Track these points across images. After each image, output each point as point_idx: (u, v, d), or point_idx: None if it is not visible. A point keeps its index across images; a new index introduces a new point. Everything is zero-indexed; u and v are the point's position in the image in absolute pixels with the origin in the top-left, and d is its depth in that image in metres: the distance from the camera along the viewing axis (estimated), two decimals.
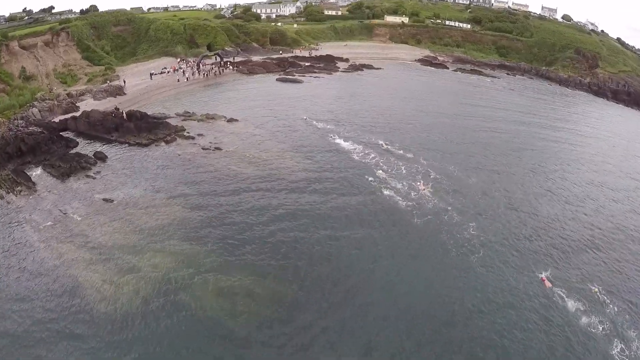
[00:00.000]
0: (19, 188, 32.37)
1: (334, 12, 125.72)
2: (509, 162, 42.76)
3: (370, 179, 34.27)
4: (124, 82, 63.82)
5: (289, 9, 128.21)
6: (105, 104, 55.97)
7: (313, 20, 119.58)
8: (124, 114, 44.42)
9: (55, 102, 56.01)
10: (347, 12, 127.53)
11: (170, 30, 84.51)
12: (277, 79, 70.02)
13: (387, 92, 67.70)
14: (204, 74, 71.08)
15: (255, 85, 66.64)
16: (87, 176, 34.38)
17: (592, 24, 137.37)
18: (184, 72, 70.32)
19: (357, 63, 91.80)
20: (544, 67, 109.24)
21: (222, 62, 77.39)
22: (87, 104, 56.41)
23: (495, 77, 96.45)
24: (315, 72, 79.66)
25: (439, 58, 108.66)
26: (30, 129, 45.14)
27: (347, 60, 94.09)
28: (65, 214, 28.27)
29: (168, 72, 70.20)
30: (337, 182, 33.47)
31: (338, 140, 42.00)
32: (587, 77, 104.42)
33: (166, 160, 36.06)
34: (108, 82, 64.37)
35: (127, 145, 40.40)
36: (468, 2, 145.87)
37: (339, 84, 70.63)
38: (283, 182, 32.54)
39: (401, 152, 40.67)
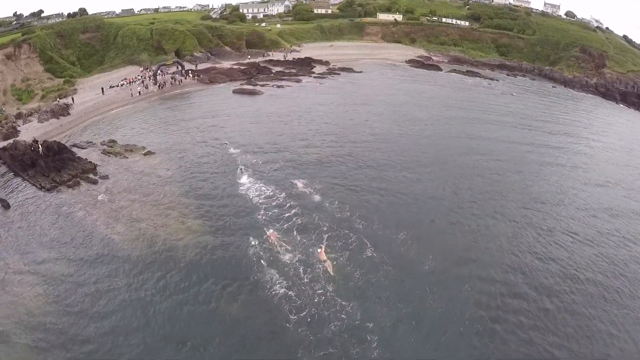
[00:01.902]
0: None
1: (323, 11, 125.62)
2: (492, 209, 36.65)
3: (252, 252, 28.85)
4: (72, 99, 66.59)
5: (277, 8, 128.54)
6: (47, 127, 58.93)
7: (301, 20, 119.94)
8: (40, 148, 46.64)
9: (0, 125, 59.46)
10: (338, 11, 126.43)
11: (137, 37, 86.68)
12: (233, 90, 70.92)
13: (352, 103, 66.07)
14: (159, 86, 72.75)
15: (206, 99, 67.64)
16: None
17: (597, 20, 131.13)
18: (142, 82, 72.42)
19: (337, 66, 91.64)
20: (547, 67, 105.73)
21: (182, 71, 78.86)
22: (28, 128, 59.67)
23: (493, 79, 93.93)
24: (283, 80, 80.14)
25: (433, 58, 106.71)
26: None
27: (326, 63, 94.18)
28: None
29: (122, 85, 72.34)
30: (205, 264, 28.18)
31: (245, 181, 39.56)
32: (594, 78, 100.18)
33: (54, 216, 35.47)
34: (58, 99, 67.43)
35: (35, 188, 42.02)
36: None
37: (300, 95, 70.08)
38: (135, 259, 28.96)
39: (321, 199, 35.71)
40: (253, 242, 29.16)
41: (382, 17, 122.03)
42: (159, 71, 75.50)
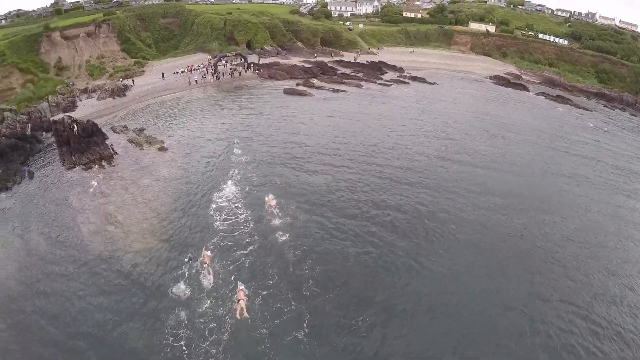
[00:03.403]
0: None
1: (413, 15, 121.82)
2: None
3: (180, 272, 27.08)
4: (133, 81, 71.60)
5: (365, 8, 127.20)
6: (101, 106, 64.21)
7: (388, 22, 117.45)
8: (76, 128, 50.50)
9: (62, 99, 65.72)
10: (428, 16, 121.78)
11: (211, 25, 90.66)
12: (284, 90, 71.02)
13: (402, 120, 59.58)
14: (217, 76, 75.34)
15: (252, 96, 68.16)
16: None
17: None
18: (202, 71, 75.91)
19: (409, 74, 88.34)
20: None
21: (245, 64, 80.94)
22: (86, 104, 65.39)
23: (587, 108, 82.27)
24: (344, 83, 78.83)
25: (523, 77, 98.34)
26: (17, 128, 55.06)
27: (400, 69, 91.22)
28: None
29: (183, 72, 76.13)
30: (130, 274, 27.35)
31: (228, 192, 36.78)
32: None
33: (54, 194, 38.40)
34: (121, 79, 72.74)
35: (60, 164, 46.19)
36: (567, 15, 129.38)
37: (350, 104, 66.15)
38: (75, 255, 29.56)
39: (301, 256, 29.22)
40: (186, 260, 27.92)
41: (474, 26, 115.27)
42: (219, 61, 78.20)
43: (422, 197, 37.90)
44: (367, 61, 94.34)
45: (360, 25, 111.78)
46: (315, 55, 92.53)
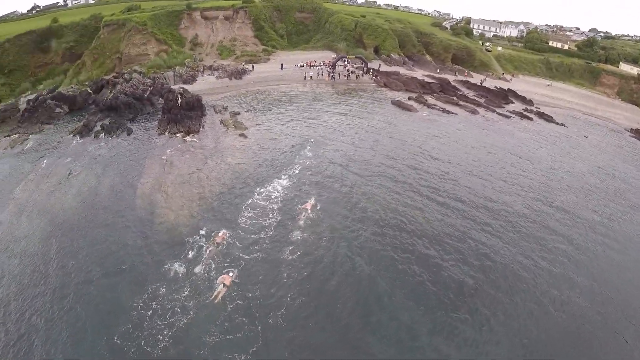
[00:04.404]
0: None
1: (559, 45, 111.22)
2: None
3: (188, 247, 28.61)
4: (252, 67, 76.06)
5: (510, 31, 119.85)
6: (216, 84, 69.59)
7: (531, 49, 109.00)
8: (179, 100, 54.96)
9: (185, 71, 72.08)
10: (576, 49, 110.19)
11: (341, 26, 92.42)
12: (392, 101, 69.53)
13: (505, 163, 49.43)
14: (332, 76, 76.46)
15: (357, 99, 67.79)
16: (96, 138, 47.23)
17: None
18: (319, 68, 77.94)
19: (537, 109, 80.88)
20: None
21: (365, 68, 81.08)
22: (205, 80, 71.07)
23: None
24: (459, 106, 74.81)
25: None
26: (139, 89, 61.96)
27: (529, 102, 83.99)
28: None
29: (302, 66, 78.65)
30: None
31: (273, 187, 36.39)
32: None
33: (137, 157, 42.57)
34: (243, 64, 77.56)
35: (156, 128, 50.94)
36: None
37: (456, 130, 59.53)
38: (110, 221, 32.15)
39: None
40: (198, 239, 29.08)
41: (625, 67, 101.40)
42: (338, 62, 79.33)
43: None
44: (495, 87, 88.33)
45: (499, 48, 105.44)
46: (438, 71, 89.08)
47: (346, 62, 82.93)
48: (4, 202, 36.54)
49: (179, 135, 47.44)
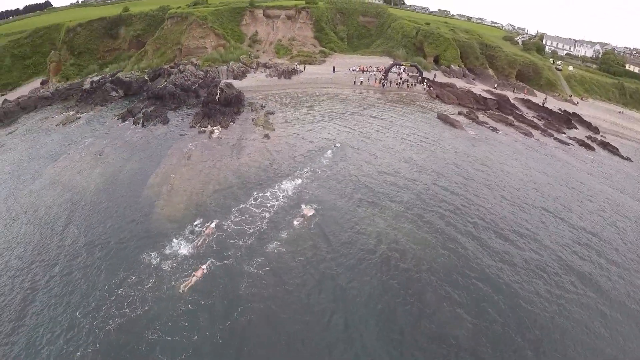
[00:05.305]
0: None
1: (637, 70, 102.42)
2: None
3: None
4: (304, 68, 77.61)
5: (584, 50, 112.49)
6: (264, 82, 72.03)
7: (606, 71, 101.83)
8: (219, 95, 57.27)
9: (237, 67, 74.98)
10: None
11: (403, 32, 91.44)
12: (438, 115, 67.70)
13: (553, 198, 42.96)
14: (382, 83, 76.16)
15: (403, 110, 65.75)
16: (135, 124, 50.92)
17: None
18: (374, 74, 77.95)
19: (601, 139, 75.10)
20: None
21: (419, 77, 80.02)
22: (254, 77, 73.61)
23: None
24: (512, 126, 71.37)
25: None
26: (189, 80, 65.48)
27: (595, 129, 78.55)
28: None
29: (354, 71, 79.12)
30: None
31: (282, 188, 36.89)
32: None
33: (162, 146, 45.52)
34: (296, 64, 79.28)
35: (191, 119, 53.71)
36: None
37: (498, 152, 55.11)
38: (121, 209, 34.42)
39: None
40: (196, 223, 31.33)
41: None
42: (392, 69, 78.86)
43: None
44: (560, 109, 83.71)
45: (570, 68, 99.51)
46: (496, 86, 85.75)
47: (401, 70, 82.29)
48: (40, 173, 40.68)
49: (207, 129, 49.74)
